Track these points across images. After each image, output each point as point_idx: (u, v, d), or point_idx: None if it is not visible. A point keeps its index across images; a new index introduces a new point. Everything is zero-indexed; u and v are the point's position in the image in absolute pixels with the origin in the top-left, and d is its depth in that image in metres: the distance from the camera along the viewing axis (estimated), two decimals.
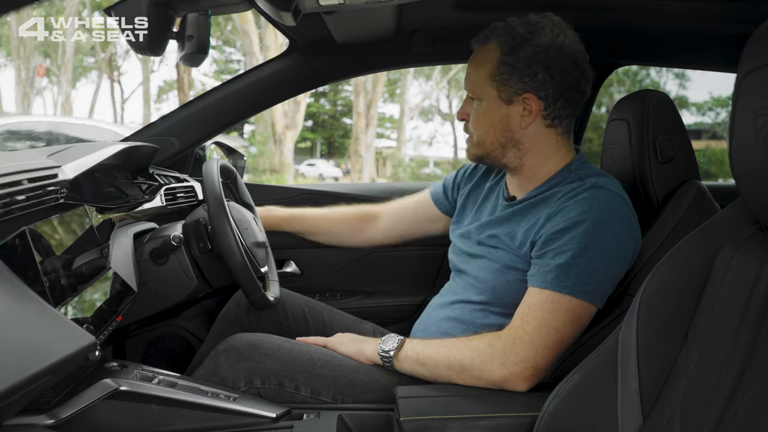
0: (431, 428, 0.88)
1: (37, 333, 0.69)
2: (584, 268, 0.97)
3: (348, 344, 1.13)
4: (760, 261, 0.63)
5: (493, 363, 0.96)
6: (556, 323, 0.96)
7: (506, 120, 1.09)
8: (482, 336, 1.00)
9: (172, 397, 0.89)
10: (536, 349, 0.96)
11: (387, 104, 22.09)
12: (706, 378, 0.64)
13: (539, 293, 0.99)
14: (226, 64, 19.38)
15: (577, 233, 0.98)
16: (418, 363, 1.02)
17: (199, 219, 1.34)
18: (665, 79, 17.21)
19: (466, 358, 0.98)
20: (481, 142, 1.13)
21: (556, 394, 0.83)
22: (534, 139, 1.10)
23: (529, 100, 1.06)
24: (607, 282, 1.01)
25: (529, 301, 1.00)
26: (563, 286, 0.97)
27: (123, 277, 1.11)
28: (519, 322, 0.98)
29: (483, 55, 1.09)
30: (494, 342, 0.98)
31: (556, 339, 0.96)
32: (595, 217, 0.99)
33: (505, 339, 0.97)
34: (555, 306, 0.97)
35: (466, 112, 1.14)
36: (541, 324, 0.96)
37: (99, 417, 0.82)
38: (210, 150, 1.85)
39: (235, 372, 1.06)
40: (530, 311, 0.98)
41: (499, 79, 1.06)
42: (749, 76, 0.60)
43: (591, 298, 0.98)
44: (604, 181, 1.05)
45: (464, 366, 0.98)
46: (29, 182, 0.86)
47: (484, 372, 0.97)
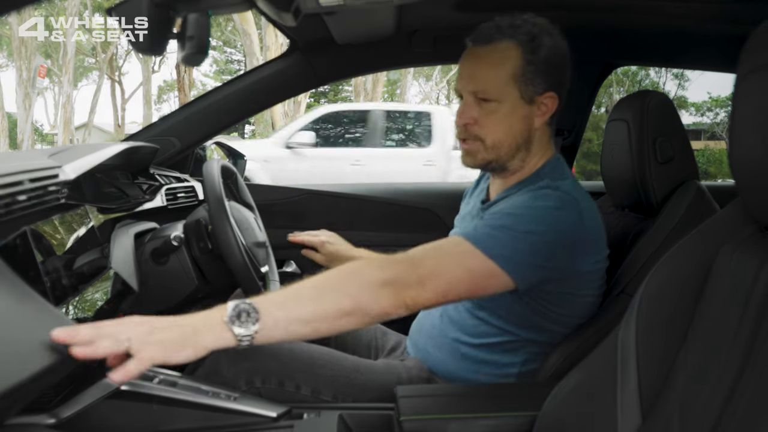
0: (431, 428, 0.88)
1: (37, 333, 0.69)
2: (508, 239, 0.93)
3: (155, 341, 0.73)
4: (760, 261, 0.63)
5: (384, 288, 0.85)
6: (452, 274, 0.91)
7: (526, 120, 1.06)
8: (368, 263, 0.89)
9: (173, 396, 0.89)
10: (420, 285, 0.88)
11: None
12: (705, 377, 0.65)
13: (455, 240, 0.95)
14: (227, 64, 19.40)
15: (512, 212, 0.97)
16: (296, 322, 0.82)
17: (200, 219, 1.34)
18: (664, 79, 17.24)
19: (360, 293, 0.85)
20: (497, 145, 1.07)
21: (556, 394, 0.83)
22: (538, 138, 1.10)
23: (548, 98, 1.05)
24: (527, 260, 0.94)
25: (441, 243, 0.95)
26: (479, 241, 0.93)
27: (124, 276, 1.11)
28: (420, 254, 0.91)
29: (498, 53, 1.03)
30: (388, 266, 0.88)
31: (444, 288, 0.90)
32: (534, 206, 0.97)
33: (399, 264, 0.89)
34: (463, 257, 0.92)
35: (472, 116, 1.06)
36: (437, 266, 0.90)
37: (100, 416, 0.82)
38: (210, 150, 1.85)
39: (235, 372, 1.06)
40: (434, 251, 0.93)
41: (524, 79, 1.03)
42: (749, 76, 0.61)
43: (504, 264, 0.92)
44: (561, 183, 1.03)
45: (359, 302, 0.84)
46: (30, 182, 0.87)
47: (374, 303, 0.85)
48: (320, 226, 1.92)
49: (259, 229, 1.44)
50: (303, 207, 1.91)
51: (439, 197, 1.97)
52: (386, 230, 1.93)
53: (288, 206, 1.90)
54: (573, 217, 0.98)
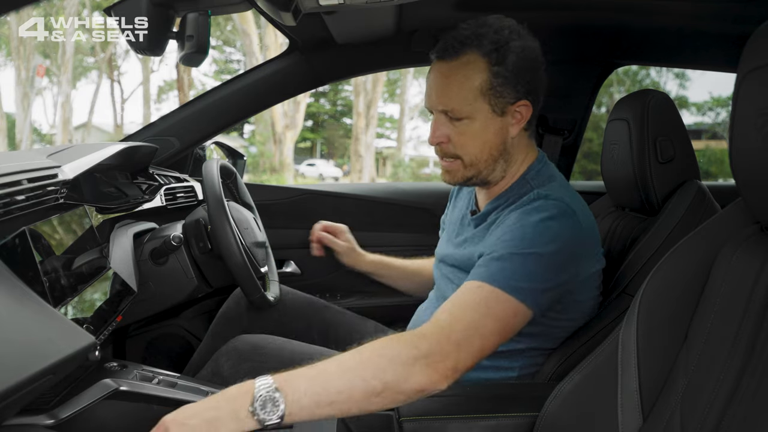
0: (431, 428, 0.88)
1: (37, 333, 0.69)
2: (519, 266, 0.91)
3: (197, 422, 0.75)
4: (760, 261, 0.63)
5: (417, 366, 0.81)
6: (485, 327, 0.88)
7: (501, 132, 1.03)
8: (397, 339, 0.85)
9: (172, 397, 0.89)
10: (460, 350, 0.85)
11: (387, 104, 22.11)
12: (706, 378, 0.64)
13: (472, 288, 0.92)
14: (226, 64, 19.39)
15: (512, 236, 0.94)
16: (322, 405, 0.79)
17: (199, 219, 1.34)
18: (665, 79, 17.22)
19: (386, 373, 0.80)
20: (474, 162, 1.04)
21: (556, 394, 0.83)
22: (516, 146, 1.06)
23: (521, 106, 1.01)
24: (543, 286, 0.93)
25: (462, 297, 0.91)
26: (495, 279, 0.90)
27: (123, 277, 1.11)
28: (448, 318, 0.88)
29: (464, 69, 0.99)
30: (418, 342, 0.84)
31: (481, 344, 0.87)
32: (531, 223, 0.95)
33: (431, 338, 0.85)
34: (488, 305, 0.89)
35: (445, 135, 1.03)
36: (470, 326, 0.87)
37: (99, 417, 0.82)
38: (210, 150, 1.85)
39: (236, 372, 1.06)
40: (460, 309, 0.89)
41: (493, 92, 0.99)
42: (749, 75, 0.60)
43: (524, 297, 0.90)
44: (549, 189, 1.01)
45: (387, 382, 0.80)
46: (29, 182, 0.86)
47: (407, 381, 0.81)
48: None
49: (259, 229, 1.44)
50: (303, 207, 1.90)
51: (439, 197, 1.96)
52: (386, 230, 1.93)
53: (288, 206, 1.90)
54: (570, 222, 0.96)
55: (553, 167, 1.10)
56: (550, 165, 1.10)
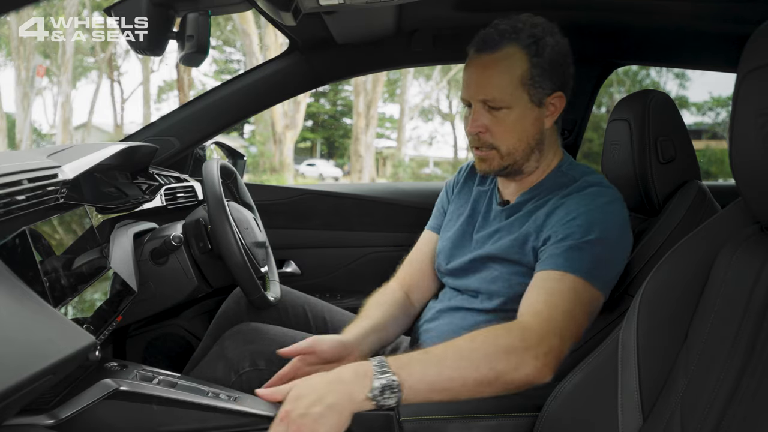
0: (431, 428, 0.88)
1: (37, 333, 0.69)
2: (592, 253, 0.96)
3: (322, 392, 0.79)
4: (760, 261, 0.63)
5: (526, 357, 0.85)
6: (577, 313, 0.93)
7: (537, 123, 1.07)
8: (507, 329, 0.88)
9: (173, 397, 0.89)
10: (562, 338, 0.89)
11: (387, 104, 22.10)
12: (706, 378, 0.64)
13: (557, 277, 0.95)
14: (226, 64, 19.39)
15: (582, 222, 0.98)
16: (435, 391, 0.82)
17: (199, 219, 1.34)
18: (665, 79, 17.22)
19: (499, 362, 0.83)
20: (512, 151, 1.07)
21: (557, 394, 0.83)
22: (549, 138, 1.11)
23: (556, 98, 1.06)
24: (613, 271, 0.99)
25: (550, 286, 0.95)
26: (577, 268, 0.94)
27: (123, 277, 1.11)
28: (546, 309, 0.91)
29: (504, 60, 1.03)
30: (525, 334, 0.87)
31: (576, 328, 0.92)
32: (596, 208, 0.99)
33: (536, 329, 0.88)
34: (577, 293, 0.94)
35: (483, 125, 1.06)
36: (566, 314, 0.91)
37: (99, 417, 0.82)
38: (210, 150, 1.85)
39: (240, 353, 1.07)
40: (554, 299, 0.92)
41: (532, 83, 1.03)
42: (749, 75, 0.60)
43: (601, 284, 0.96)
44: (598, 178, 1.07)
45: (498, 372, 0.83)
46: (29, 182, 0.86)
47: (518, 371, 0.84)
48: (320, 226, 1.93)
49: (259, 229, 1.44)
50: (303, 207, 1.90)
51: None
52: (386, 230, 1.93)
53: (288, 206, 1.90)
54: (624, 209, 1.03)
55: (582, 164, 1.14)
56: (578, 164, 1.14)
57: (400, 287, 1.25)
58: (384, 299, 1.21)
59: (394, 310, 1.19)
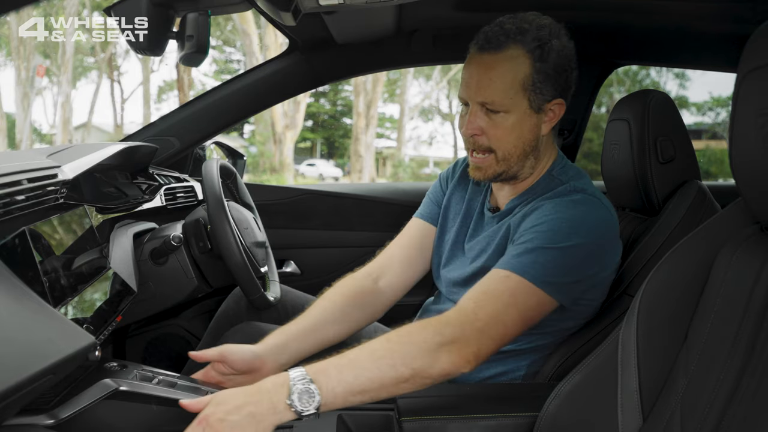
0: (431, 428, 0.88)
1: (37, 333, 0.69)
2: (551, 260, 0.93)
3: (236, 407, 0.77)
4: (760, 261, 0.63)
5: (441, 352, 0.85)
6: (508, 316, 0.90)
7: (535, 129, 1.03)
8: (423, 325, 0.88)
9: (172, 397, 0.89)
10: (482, 337, 0.88)
11: (387, 104, 22.07)
12: (706, 378, 0.64)
13: (500, 277, 0.93)
14: (226, 64, 19.38)
15: (549, 228, 0.95)
16: (355, 393, 0.82)
17: (199, 219, 1.34)
18: (665, 79, 17.21)
19: (414, 360, 0.84)
20: (507, 157, 1.04)
21: (556, 394, 0.83)
22: (545, 144, 1.08)
23: (556, 105, 1.03)
24: (574, 279, 0.95)
25: (488, 284, 0.93)
26: (526, 271, 0.92)
27: (123, 277, 1.11)
28: (472, 306, 0.90)
29: (507, 62, 0.99)
30: (442, 330, 0.87)
31: (503, 332, 0.90)
32: (569, 216, 0.96)
33: (455, 325, 0.88)
34: (515, 296, 0.91)
35: (480, 127, 1.02)
36: (494, 314, 0.89)
37: (99, 417, 0.82)
38: (210, 150, 1.85)
39: None
40: (486, 297, 0.91)
41: (533, 89, 1.00)
42: (749, 75, 0.60)
43: (552, 290, 0.93)
44: (584, 184, 1.04)
45: (414, 369, 0.83)
46: (29, 182, 0.86)
47: (433, 366, 0.84)
48: (320, 226, 1.93)
49: (259, 229, 1.44)
50: (303, 207, 1.90)
51: None
52: (386, 230, 1.92)
53: (288, 206, 1.90)
54: (605, 218, 0.99)
55: (574, 165, 1.12)
56: (570, 162, 1.12)
57: (368, 275, 1.21)
58: (333, 294, 1.16)
59: (344, 305, 1.14)
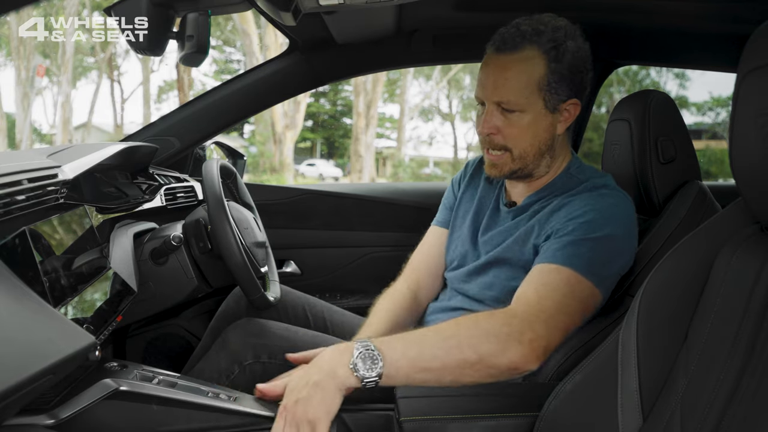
0: (431, 428, 0.88)
1: (37, 333, 0.68)
2: (591, 250, 0.95)
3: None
4: (760, 261, 0.63)
5: (510, 342, 0.84)
6: (570, 307, 0.92)
7: (551, 129, 1.05)
8: (491, 314, 0.89)
9: (172, 397, 0.89)
10: (549, 328, 0.89)
11: (387, 104, 22.08)
12: (706, 378, 0.64)
13: (553, 270, 0.95)
14: (226, 64, 19.38)
15: (584, 221, 0.98)
16: (417, 370, 0.83)
17: (199, 219, 1.34)
18: (665, 79, 17.22)
19: (481, 344, 0.83)
20: (523, 155, 1.06)
21: (557, 394, 0.83)
22: (560, 143, 1.10)
23: (571, 105, 1.05)
24: (612, 271, 0.99)
25: (545, 278, 0.95)
26: (575, 264, 0.94)
27: (123, 277, 1.11)
28: (536, 298, 0.92)
29: (523, 62, 1.01)
30: (510, 320, 0.87)
31: (568, 322, 0.92)
32: (600, 209, 0.99)
33: (522, 316, 0.88)
34: (571, 287, 0.93)
35: (495, 126, 1.04)
36: (557, 305, 0.91)
37: (99, 417, 0.82)
38: (210, 150, 1.85)
39: (243, 345, 1.08)
40: (547, 290, 0.92)
41: (548, 89, 1.01)
42: (749, 75, 0.60)
43: (598, 281, 0.96)
44: (605, 180, 1.07)
45: (481, 354, 0.83)
46: (29, 182, 0.86)
47: (502, 355, 0.84)
48: (320, 226, 1.93)
49: (259, 229, 1.44)
50: (303, 207, 1.91)
51: (439, 197, 1.96)
52: (386, 230, 1.93)
53: (288, 206, 1.90)
54: (631, 212, 1.03)
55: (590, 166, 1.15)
56: (584, 163, 1.14)
57: (408, 288, 1.24)
58: (391, 305, 1.19)
59: (400, 317, 1.18)
